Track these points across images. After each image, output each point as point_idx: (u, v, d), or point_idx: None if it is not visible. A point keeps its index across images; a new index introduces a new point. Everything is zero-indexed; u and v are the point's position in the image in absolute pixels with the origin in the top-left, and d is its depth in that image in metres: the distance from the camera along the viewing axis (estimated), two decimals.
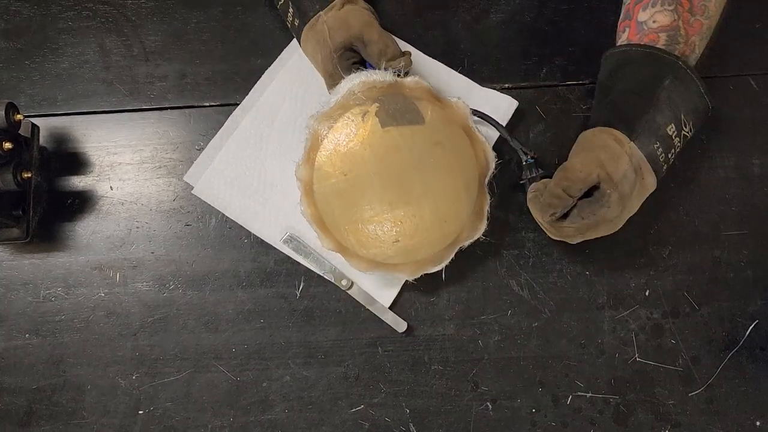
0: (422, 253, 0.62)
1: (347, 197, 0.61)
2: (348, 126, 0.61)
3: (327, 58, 0.65)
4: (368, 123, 0.61)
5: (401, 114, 0.61)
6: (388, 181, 0.61)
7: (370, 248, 0.61)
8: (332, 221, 0.61)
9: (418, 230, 0.61)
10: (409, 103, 0.62)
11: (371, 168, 0.61)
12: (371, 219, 0.61)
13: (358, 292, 0.66)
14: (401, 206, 0.61)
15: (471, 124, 0.64)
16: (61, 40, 0.74)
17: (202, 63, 0.73)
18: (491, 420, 0.64)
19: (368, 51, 0.63)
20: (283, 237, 0.67)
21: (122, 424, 0.64)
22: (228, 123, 0.70)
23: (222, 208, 0.68)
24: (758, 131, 0.70)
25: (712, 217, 0.68)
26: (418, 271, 0.62)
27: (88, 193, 0.70)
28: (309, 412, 0.64)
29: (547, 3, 0.74)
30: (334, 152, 0.61)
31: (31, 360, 0.66)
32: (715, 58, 0.72)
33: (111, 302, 0.67)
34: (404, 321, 0.65)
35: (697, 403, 0.64)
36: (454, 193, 0.62)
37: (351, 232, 0.61)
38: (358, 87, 0.61)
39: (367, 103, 0.61)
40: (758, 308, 0.66)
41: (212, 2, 0.75)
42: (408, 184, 0.61)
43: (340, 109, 0.61)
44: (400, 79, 0.62)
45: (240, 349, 0.66)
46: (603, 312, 0.66)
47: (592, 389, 0.64)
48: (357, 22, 0.64)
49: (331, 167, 0.61)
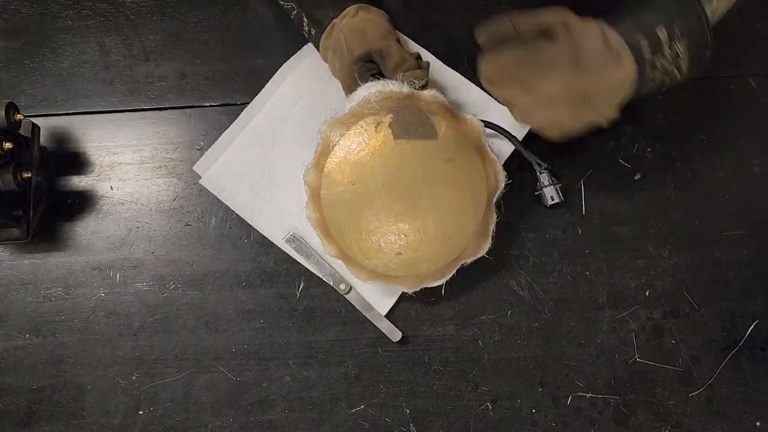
0: (424, 267, 0.61)
1: (354, 206, 0.60)
2: (360, 135, 0.60)
3: (345, 69, 0.64)
4: (381, 133, 0.60)
5: (415, 127, 0.61)
6: (396, 193, 0.60)
7: (372, 259, 0.61)
8: (337, 229, 0.61)
9: (421, 244, 0.61)
10: (424, 117, 0.61)
11: (380, 179, 0.60)
12: (376, 230, 0.60)
13: (356, 298, 0.66)
14: (407, 220, 0.60)
15: (484, 143, 0.63)
16: (61, 40, 0.73)
17: (202, 63, 0.73)
18: (491, 420, 0.64)
19: (386, 64, 0.63)
20: (286, 236, 0.66)
21: (122, 424, 0.64)
22: (242, 116, 0.70)
23: (227, 201, 0.68)
24: (758, 131, 0.70)
25: (712, 217, 0.68)
26: (418, 284, 0.62)
27: (88, 193, 0.70)
28: (309, 413, 0.64)
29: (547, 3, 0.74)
30: (344, 160, 0.60)
31: (31, 360, 0.66)
32: (715, 58, 0.71)
33: (111, 302, 0.67)
34: (399, 331, 0.65)
35: (697, 403, 0.64)
36: (461, 210, 0.62)
37: (354, 241, 0.61)
38: (374, 96, 0.61)
39: (382, 113, 0.60)
40: (758, 308, 0.66)
41: (212, 2, 0.74)
42: (415, 199, 0.60)
43: (354, 117, 0.61)
44: (417, 92, 0.62)
45: (240, 349, 0.66)
46: (603, 312, 0.66)
47: (592, 389, 0.64)
48: (374, 36, 0.63)
49: (340, 175, 0.60)
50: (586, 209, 0.68)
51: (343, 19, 0.64)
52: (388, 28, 0.65)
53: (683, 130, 0.70)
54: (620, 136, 0.70)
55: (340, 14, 0.64)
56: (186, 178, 0.70)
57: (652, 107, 0.71)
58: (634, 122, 0.70)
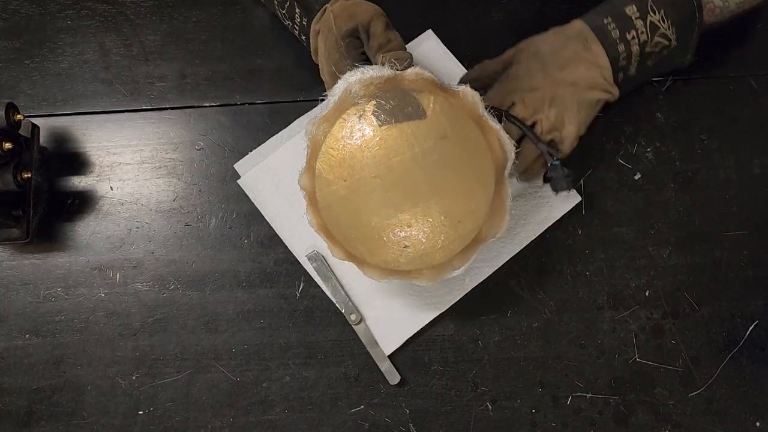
0: (437, 257, 0.57)
1: (350, 204, 0.58)
2: (344, 128, 0.57)
3: (333, 47, 0.60)
4: (365, 123, 0.57)
5: (400, 109, 0.57)
6: (391, 183, 0.57)
7: (380, 255, 0.58)
8: (338, 230, 0.58)
9: (428, 233, 0.57)
10: (408, 97, 0.57)
11: (371, 171, 0.57)
12: (377, 225, 0.57)
13: (364, 332, 0.65)
14: (407, 209, 0.57)
15: (482, 113, 0.58)
16: (61, 40, 0.73)
17: (202, 63, 0.73)
18: (491, 420, 0.64)
19: (370, 44, 0.60)
20: (309, 253, 0.66)
21: (122, 425, 0.64)
22: (294, 124, 0.70)
23: (260, 207, 0.68)
24: (758, 131, 0.70)
25: (712, 217, 0.68)
26: (436, 276, 0.58)
27: (88, 193, 0.70)
28: (309, 413, 0.64)
29: (547, 3, 0.74)
30: (332, 157, 0.58)
31: (31, 360, 0.66)
32: (715, 58, 0.72)
33: (111, 302, 0.67)
34: (399, 374, 0.64)
35: (697, 403, 0.64)
36: (467, 189, 0.57)
37: (359, 240, 0.58)
38: (355, 86, 0.57)
39: (364, 102, 0.57)
40: (758, 308, 0.66)
41: (212, 2, 0.74)
42: (412, 185, 0.57)
43: (338, 111, 0.58)
44: (399, 73, 0.58)
45: (240, 349, 0.66)
46: (603, 312, 0.66)
47: (592, 390, 0.64)
48: (364, 13, 0.60)
49: (331, 173, 0.57)
50: (585, 209, 0.68)
51: (335, 3, 0.62)
52: (379, 11, 0.62)
53: (683, 130, 0.70)
54: (620, 136, 0.70)
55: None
56: (186, 178, 0.70)
57: (652, 107, 0.71)
58: (634, 122, 0.70)
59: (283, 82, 0.72)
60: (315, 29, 0.63)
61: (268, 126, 0.71)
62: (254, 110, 0.72)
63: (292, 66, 0.72)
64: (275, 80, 0.72)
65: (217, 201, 0.69)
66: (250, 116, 0.71)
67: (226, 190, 0.69)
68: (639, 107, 0.70)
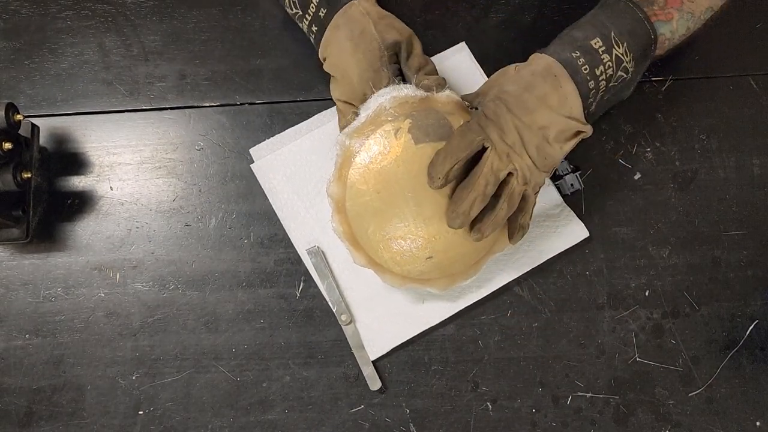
0: (455, 267, 0.61)
1: (381, 215, 0.60)
2: (380, 143, 0.59)
3: (373, 53, 0.61)
4: (401, 139, 0.59)
5: (434, 129, 0.60)
6: (423, 198, 0.59)
7: (404, 265, 0.60)
8: (365, 239, 0.61)
9: (452, 246, 0.60)
10: (441, 119, 0.60)
11: (405, 185, 0.59)
12: (405, 236, 0.59)
13: (352, 333, 0.65)
14: (435, 222, 0.59)
15: None
16: (61, 40, 0.73)
17: (202, 63, 0.73)
18: (491, 420, 0.64)
19: (409, 62, 0.62)
20: (310, 248, 0.66)
21: (122, 424, 0.64)
22: (315, 118, 0.70)
23: (269, 195, 0.68)
24: (758, 131, 0.70)
25: (712, 217, 0.68)
26: (449, 284, 0.62)
27: (88, 193, 0.70)
28: (309, 412, 0.64)
29: (547, 3, 0.74)
30: (366, 170, 0.60)
31: (31, 360, 0.66)
32: (715, 58, 0.72)
33: (111, 302, 0.67)
34: (380, 381, 0.64)
35: (697, 403, 0.64)
36: None
37: (385, 249, 0.60)
38: (390, 102, 0.60)
39: (400, 119, 0.59)
40: (758, 308, 0.66)
41: (212, 2, 0.74)
42: (441, 201, 0.59)
43: (372, 125, 0.60)
44: (432, 95, 0.61)
45: (240, 349, 0.66)
46: (603, 312, 0.66)
47: (592, 389, 0.64)
48: (404, 30, 0.62)
49: (365, 185, 0.60)
50: (585, 209, 0.68)
51: (364, 2, 0.62)
52: (413, 32, 0.63)
53: (683, 130, 0.70)
54: (620, 136, 0.70)
55: None
56: (186, 178, 0.70)
57: (651, 107, 0.71)
58: (634, 122, 0.70)
59: (283, 82, 0.72)
60: (336, 23, 0.62)
61: (268, 126, 0.71)
62: (254, 110, 0.72)
63: (292, 66, 0.72)
64: (275, 80, 0.72)
65: (217, 201, 0.69)
66: (250, 116, 0.71)
67: (226, 190, 0.69)
68: (639, 107, 0.70)
